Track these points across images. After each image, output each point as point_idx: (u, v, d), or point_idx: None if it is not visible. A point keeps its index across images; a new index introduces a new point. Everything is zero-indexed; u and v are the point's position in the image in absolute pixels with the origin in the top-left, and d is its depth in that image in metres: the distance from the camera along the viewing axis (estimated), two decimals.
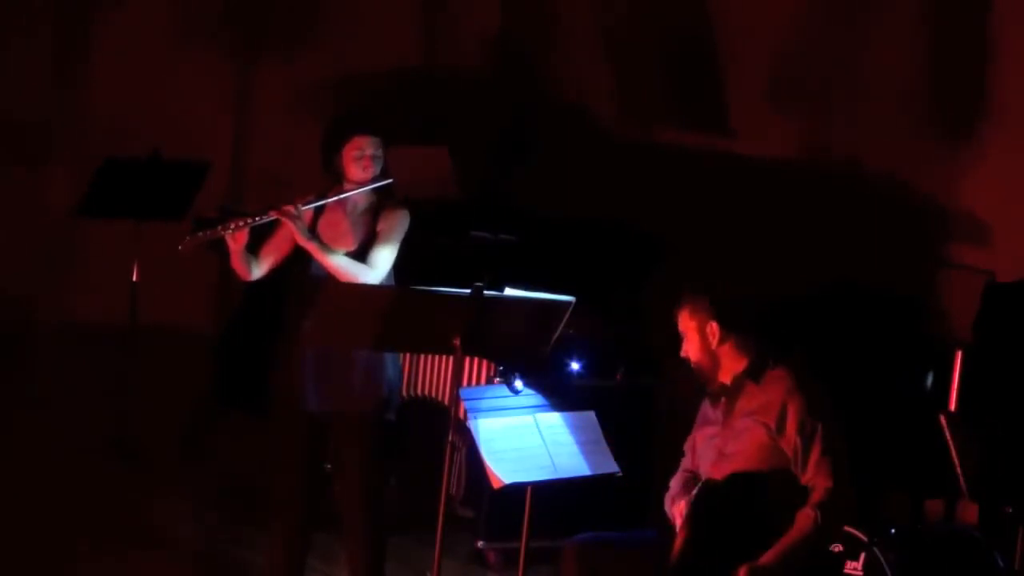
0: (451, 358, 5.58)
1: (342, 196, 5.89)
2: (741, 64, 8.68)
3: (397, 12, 9.80)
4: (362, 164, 5.87)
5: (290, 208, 5.79)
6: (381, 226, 5.92)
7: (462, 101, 9.62)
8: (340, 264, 5.80)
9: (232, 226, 5.79)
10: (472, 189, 8.71)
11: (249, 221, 5.80)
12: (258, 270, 5.94)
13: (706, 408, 5.55)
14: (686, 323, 5.48)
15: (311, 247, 5.81)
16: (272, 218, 5.82)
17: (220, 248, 5.92)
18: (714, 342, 5.42)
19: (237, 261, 5.87)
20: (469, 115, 9.49)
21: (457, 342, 5.43)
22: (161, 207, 8.05)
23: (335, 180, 5.94)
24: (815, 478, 5.28)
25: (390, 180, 5.91)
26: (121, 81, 9.30)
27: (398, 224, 5.93)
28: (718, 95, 8.83)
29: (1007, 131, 7.60)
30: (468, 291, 5.40)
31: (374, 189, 5.90)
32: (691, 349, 5.48)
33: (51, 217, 8.96)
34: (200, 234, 5.86)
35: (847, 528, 5.87)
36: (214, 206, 8.21)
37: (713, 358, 5.44)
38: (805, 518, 5.25)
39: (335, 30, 9.68)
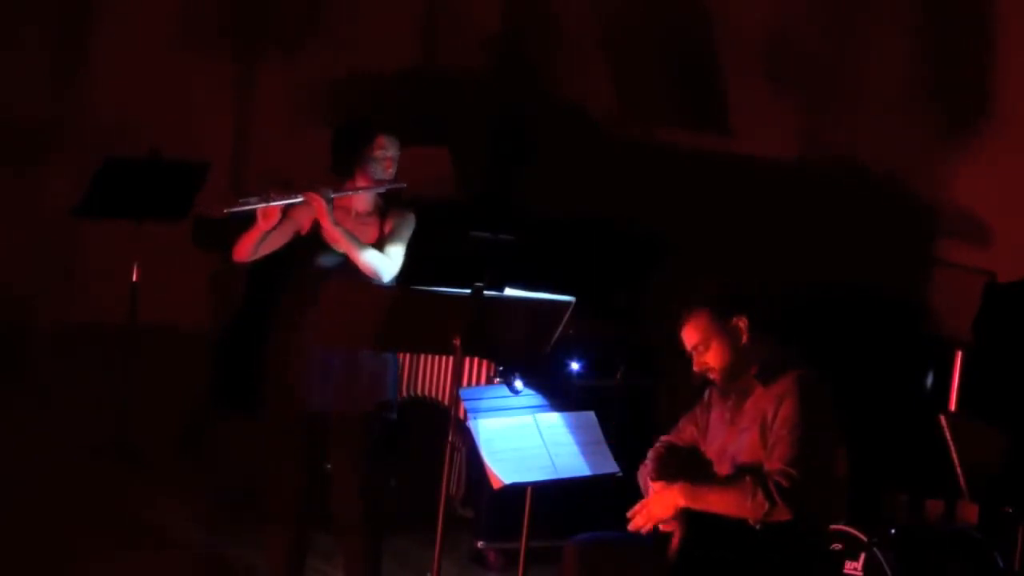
0: (451, 358, 5.57)
1: (372, 189, 5.90)
2: (740, 63, 8.68)
3: (397, 12, 9.80)
4: (384, 164, 5.90)
5: (324, 191, 5.75)
6: (390, 225, 5.96)
7: (462, 101, 9.62)
8: (364, 253, 5.79)
9: (267, 199, 5.73)
10: (472, 189, 8.71)
11: (282, 198, 5.75)
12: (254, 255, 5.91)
13: (715, 393, 5.45)
14: (703, 330, 5.29)
15: (337, 234, 5.78)
16: (302, 200, 5.75)
17: (217, 246, 5.91)
18: (744, 337, 5.28)
19: (252, 239, 5.80)
20: (469, 115, 9.49)
21: (457, 342, 5.44)
22: (161, 207, 8.05)
23: (345, 180, 5.93)
24: (775, 462, 5.09)
25: (404, 184, 5.92)
26: (121, 81, 9.29)
27: (407, 223, 5.98)
28: (718, 94, 8.83)
29: (1008, 130, 7.60)
30: (468, 291, 5.41)
31: (387, 191, 5.93)
32: (713, 355, 5.29)
33: (51, 217, 8.95)
34: (239, 206, 5.74)
35: (847, 528, 5.88)
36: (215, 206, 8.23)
37: (741, 356, 5.28)
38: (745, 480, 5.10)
39: (335, 30, 9.68)
